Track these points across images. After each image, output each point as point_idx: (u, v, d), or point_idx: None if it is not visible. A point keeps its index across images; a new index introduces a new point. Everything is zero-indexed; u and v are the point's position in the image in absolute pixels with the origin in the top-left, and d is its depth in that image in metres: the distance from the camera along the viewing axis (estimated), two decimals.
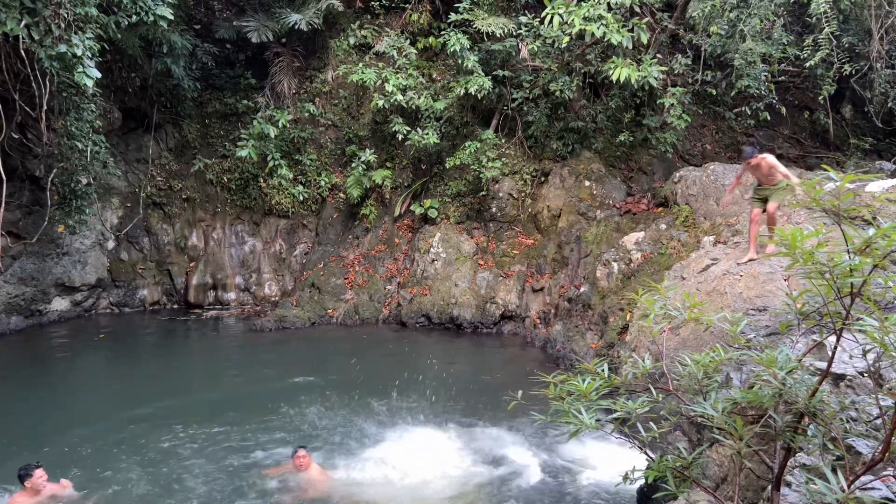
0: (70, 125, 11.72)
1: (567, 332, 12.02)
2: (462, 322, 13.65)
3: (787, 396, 2.90)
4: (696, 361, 3.33)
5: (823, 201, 2.57)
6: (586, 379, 3.15)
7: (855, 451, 3.54)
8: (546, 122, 14.77)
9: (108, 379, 11.34)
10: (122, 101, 15.06)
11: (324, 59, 16.92)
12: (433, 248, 14.50)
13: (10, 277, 13.19)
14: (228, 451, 8.03)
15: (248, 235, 16.51)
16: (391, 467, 7.56)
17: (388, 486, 7.16)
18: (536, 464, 7.64)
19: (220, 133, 16.64)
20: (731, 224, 10.75)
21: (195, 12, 16.61)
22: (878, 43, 12.75)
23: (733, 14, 11.85)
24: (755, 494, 4.61)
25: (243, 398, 9.92)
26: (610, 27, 11.87)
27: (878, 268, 2.52)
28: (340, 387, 10.30)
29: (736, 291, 8.19)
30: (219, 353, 12.63)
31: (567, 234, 13.85)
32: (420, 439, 8.32)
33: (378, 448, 8.09)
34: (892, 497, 3.06)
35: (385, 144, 16.04)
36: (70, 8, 9.65)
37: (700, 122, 16.99)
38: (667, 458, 3.22)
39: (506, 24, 14.35)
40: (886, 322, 2.53)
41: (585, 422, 3.00)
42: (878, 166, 13.86)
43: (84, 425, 8.77)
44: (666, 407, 3.38)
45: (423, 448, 8.04)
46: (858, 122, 17.78)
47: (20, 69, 10.51)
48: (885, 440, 2.63)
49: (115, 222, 15.41)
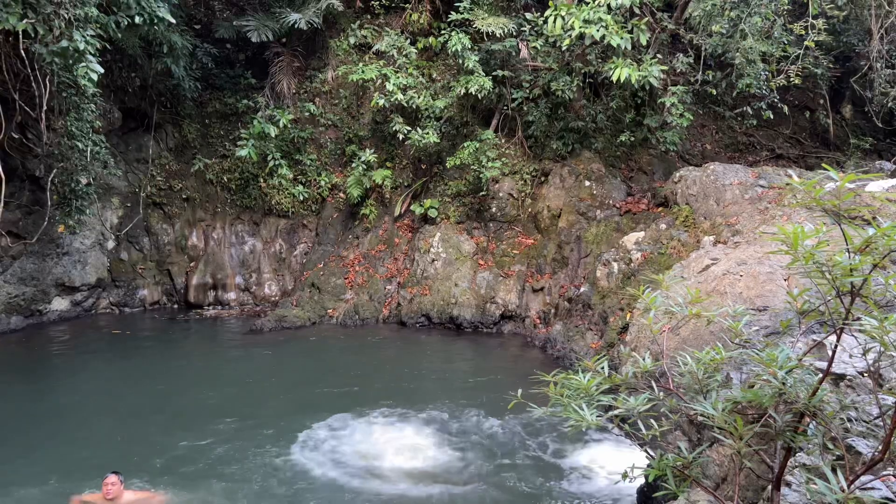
0: (70, 125, 11.72)
1: (567, 332, 12.02)
2: (462, 322, 13.65)
3: (788, 396, 2.90)
4: (696, 360, 3.33)
5: (823, 201, 2.57)
6: (587, 375, 3.15)
7: (855, 450, 3.54)
8: (546, 121, 14.77)
9: (108, 378, 11.33)
10: (122, 101, 15.06)
11: (324, 58, 16.93)
12: (433, 248, 14.50)
13: (10, 277, 13.19)
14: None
15: (248, 235, 16.51)
16: (391, 467, 7.55)
17: (388, 488, 7.15)
18: (536, 463, 7.64)
19: (220, 133, 16.64)
20: (731, 224, 10.75)
21: (195, 12, 16.61)
22: (878, 43, 12.75)
23: (734, 13, 11.85)
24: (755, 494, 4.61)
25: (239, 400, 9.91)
26: (609, 29, 11.87)
27: (877, 267, 2.52)
28: (340, 388, 10.30)
29: (736, 291, 8.19)
30: (218, 354, 12.62)
31: (567, 234, 13.85)
32: (420, 439, 8.31)
33: (377, 448, 8.08)
34: (892, 497, 3.06)
35: (385, 144, 16.04)
36: (70, 7, 9.65)
37: (700, 122, 17.00)
38: (667, 456, 3.22)
39: (506, 23, 14.36)
40: (886, 321, 2.53)
41: (587, 417, 3.00)
42: (878, 166, 13.87)
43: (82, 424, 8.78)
44: (666, 405, 3.37)
45: (422, 448, 8.04)
46: (858, 122, 17.79)
47: (20, 69, 10.51)
48: (884, 440, 2.63)
49: (115, 222, 15.41)
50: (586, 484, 7.16)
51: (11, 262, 13.19)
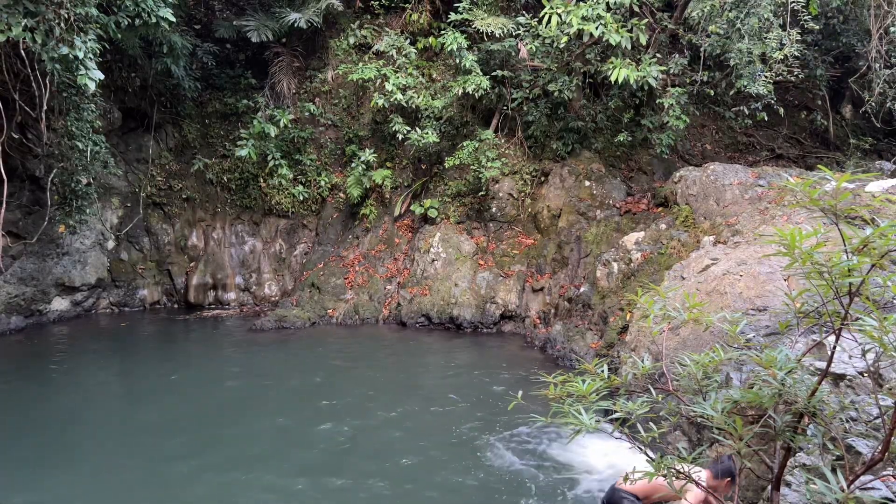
0: (70, 125, 11.73)
1: (567, 332, 12.02)
2: (462, 322, 13.65)
3: (787, 396, 2.90)
4: (695, 362, 3.34)
5: (820, 201, 2.58)
6: (586, 380, 3.15)
7: (855, 450, 3.55)
8: (546, 122, 14.78)
9: (107, 379, 11.34)
10: (122, 101, 15.07)
11: (324, 58, 16.94)
12: (433, 248, 14.50)
13: (10, 277, 13.20)
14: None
15: (248, 235, 16.53)
16: (390, 468, 7.56)
17: (386, 488, 7.15)
18: (536, 464, 7.64)
19: (220, 133, 16.65)
20: (731, 224, 10.75)
21: (195, 12, 16.62)
22: (878, 43, 12.76)
23: (732, 14, 11.86)
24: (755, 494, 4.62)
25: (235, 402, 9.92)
26: (608, 27, 11.87)
27: (876, 267, 2.52)
28: (339, 387, 10.30)
29: (736, 291, 8.19)
30: (217, 354, 12.62)
31: (567, 234, 13.85)
32: (419, 439, 8.32)
33: (376, 448, 8.08)
34: (892, 497, 3.06)
35: (385, 144, 16.05)
36: (70, 8, 9.66)
37: (700, 122, 17.00)
38: (667, 458, 3.23)
39: (505, 24, 14.36)
40: (885, 321, 2.54)
41: (585, 422, 3.00)
42: (877, 166, 13.87)
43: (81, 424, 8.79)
44: (666, 407, 3.38)
45: (421, 448, 8.04)
46: (858, 122, 17.80)
47: (20, 69, 10.52)
48: (884, 440, 2.63)
49: (115, 222, 15.42)
50: (586, 485, 7.16)
51: (11, 262, 13.19)
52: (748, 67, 11.96)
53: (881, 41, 12.89)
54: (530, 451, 7.93)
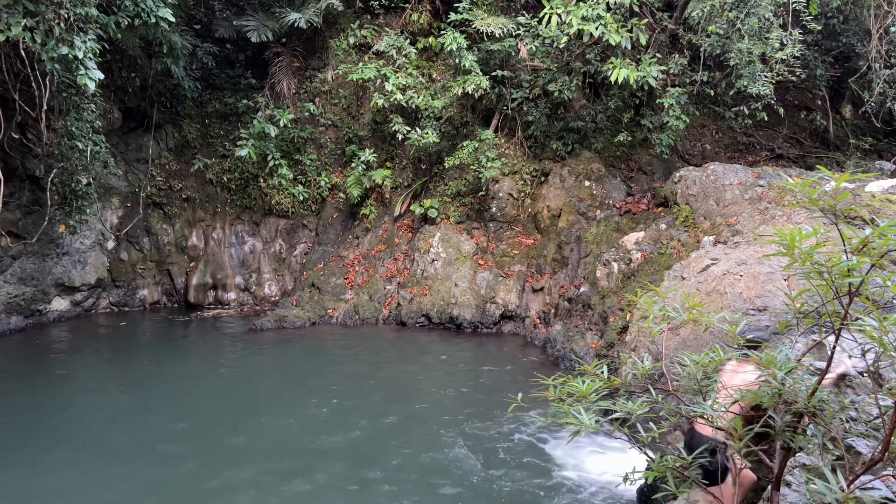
0: (70, 125, 11.73)
1: (567, 332, 12.02)
2: (462, 322, 13.66)
3: (787, 396, 2.90)
4: (695, 362, 3.34)
5: (820, 201, 2.58)
6: (586, 381, 3.16)
7: (855, 450, 3.54)
8: (546, 122, 14.78)
9: (107, 379, 11.34)
10: (122, 101, 15.07)
11: (324, 58, 16.95)
12: (433, 248, 14.50)
13: (10, 277, 13.20)
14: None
15: (248, 235, 16.53)
16: (389, 468, 7.56)
17: (385, 488, 7.15)
18: (536, 465, 7.64)
19: (220, 133, 16.66)
20: (731, 224, 10.75)
21: (195, 12, 16.62)
22: (877, 43, 12.76)
23: (732, 14, 11.86)
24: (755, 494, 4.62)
25: (235, 402, 9.92)
26: (608, 27, 11.87)
27: (875, 267, 2.52)
28: (339, 387, 10.30)
29: (736, 291, 8.19)
30: (216, 354, 12.62)
31: (567, 234, 13.85)
32: (418, 439, 8.32)
33: (376, 448, 8.08)
34: (892, 497, 3.06)
35: (385, 144, 16.05)
36: (70, 8, 9.67)
37: (700, 122, 17.01)
38: (667, 458, 3.23)
39: (505, 24, 14.36)
40: (885, 321, 2.54)
41: (585, 422, 3.01)
42: (877, 166, 13.87)
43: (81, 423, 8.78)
44: (665, 407, 3.38)
45: (420, 448, 8.04)
46: (858, 122, 17.80)
47: (20, 69, 10.53)
48: (884, 440, 2.63)
49: (115, 222, 15.42)
50: (586, 484, 7.16)
51: (11, 262, 13.19)
52: (748, 67, 11.96)
53: (881, 41, 12.89)
54: (530, 452, 7.93)
